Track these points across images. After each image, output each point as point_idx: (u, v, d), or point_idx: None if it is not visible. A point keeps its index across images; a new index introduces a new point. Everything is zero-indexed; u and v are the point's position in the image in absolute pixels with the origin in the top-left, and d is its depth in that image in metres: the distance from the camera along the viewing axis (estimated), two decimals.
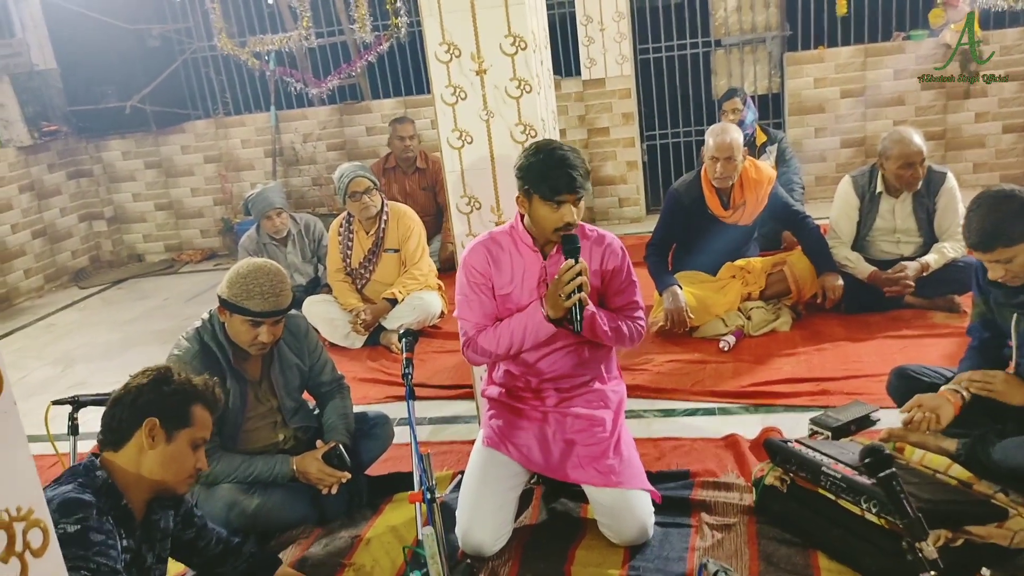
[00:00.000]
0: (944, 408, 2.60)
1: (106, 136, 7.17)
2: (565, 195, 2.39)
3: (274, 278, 2.65)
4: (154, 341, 5.15)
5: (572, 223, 2.42)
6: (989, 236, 2.40)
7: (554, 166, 2.38)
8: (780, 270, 4.13)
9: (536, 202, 2.44)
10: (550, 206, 2.41)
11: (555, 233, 2.45)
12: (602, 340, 2.55)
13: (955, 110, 6.11)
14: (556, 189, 2.38)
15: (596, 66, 6.41)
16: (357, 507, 2.89)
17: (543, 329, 2.47)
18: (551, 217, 2.42)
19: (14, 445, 0.72)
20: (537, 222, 2.48)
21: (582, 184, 2.40)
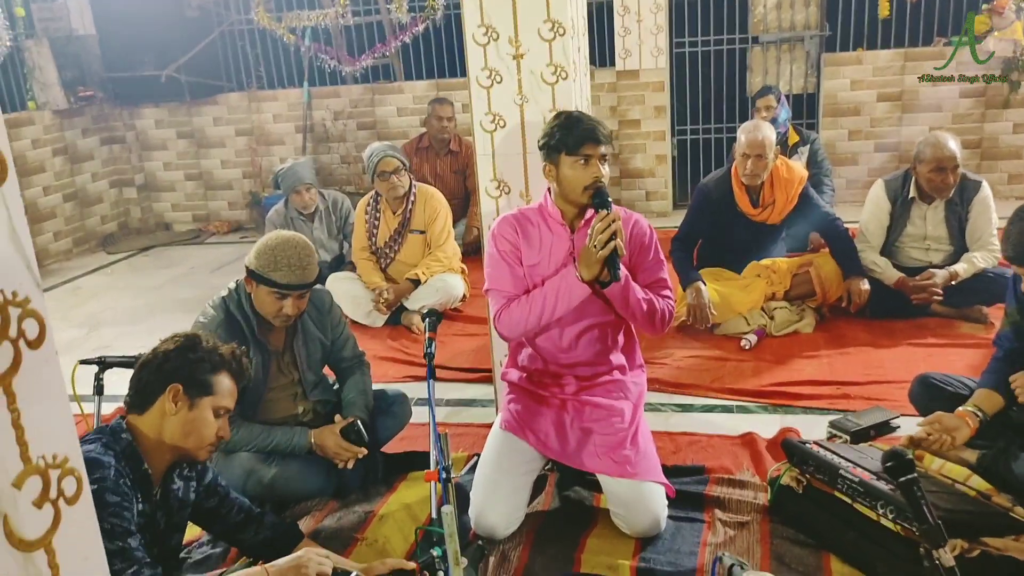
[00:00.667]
0: (961, 430, 2.57)
1: (140, 104, 7.23)
2: (589, 146, 2.41)
3: (302, 251, 2.66)
4: (178, 309, 5.20)
5: (600, 177, 2.43)
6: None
7: (575, 122, 2.46)
8: (806, 271, 4.10)
9: (563, 163, 2.45)
10: (577, 163, 2.42)
11: (585, 192, 2.44)
12: (635, 312, 2.49)
13: (993, 119, 6.02)
14: (580, 140, 2.41)
15: (631, 57, 6.37)
16: (372, 483, 2.91)
17: (576, 290, 2.42)
18: (579, 175, 2.43)
19: (53, 394, 0.73)
20: (566, 185, 2.47)
21: (605, 138, 2.44)
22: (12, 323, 0.70)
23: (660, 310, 2.54)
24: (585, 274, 2.39)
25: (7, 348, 0.70)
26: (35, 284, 0.73)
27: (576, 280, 2.40)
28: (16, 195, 0.69)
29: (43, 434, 0.71)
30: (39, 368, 0.73)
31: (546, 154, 2.50)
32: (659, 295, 2.57)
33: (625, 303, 2.47)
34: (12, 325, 0.70)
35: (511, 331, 2.54)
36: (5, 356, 0.70)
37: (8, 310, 0.69)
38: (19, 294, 0.70)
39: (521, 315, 2.48)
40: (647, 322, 2.54)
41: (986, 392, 2.66)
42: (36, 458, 0.71)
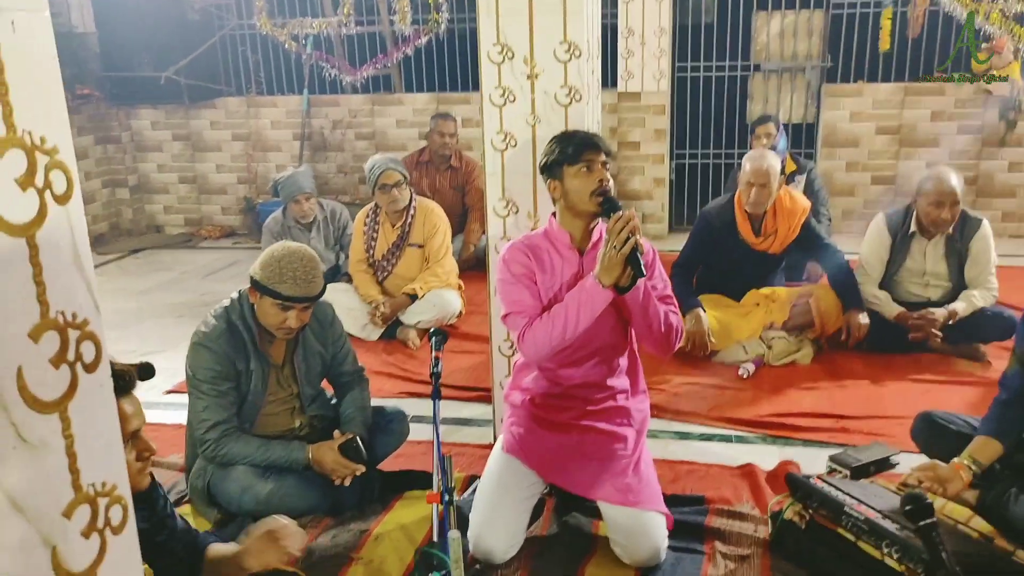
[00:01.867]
0: (954, 482, 2.55)
1: (138, 105, 7.18)
2: (589, 152, 2.43)
3: (308, 264, 2.63)
4: (168, 313, 5.14)
5: (606, 180, 2.43)
6: None
7: (572, 133, 2.53)
8: (805, 302, 4.10)
9: (567, 175, 2.45)
10: (580, 172, 2.43)
11: (592, 198, 2.43)
12: (651, 322, 2.45)
13: (989, 157, 6.08)
14: (580, 148, 2.44)
15: (633, 79, 6.40)
16: (368, 501, 2.87)
17: (598, 297, 2.37)
18: (584, 183, 2.43)
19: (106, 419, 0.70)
20: (573, 196, 2.46)
21: (604, 146, 2.48)
22: (71, 346, 0.67)
23: (675, 323, 2.52)
24: (605, 278, 2.33)
25: (64, 372, 0.67)
26: (94, 306, 0.70)
27: (597, 287, 2.35)
28: (80, 215, 0.66)
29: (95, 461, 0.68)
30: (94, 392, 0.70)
31: (549, 172, 2.50)
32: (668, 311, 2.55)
33: (644, 311, 2.44)
34: (71, 348, 0.67)
35: (537, 350, 2.46)
36: (63, 380, 0.67)
37: (68, 332, 0.66)
38: (78, 316, 0.67)
39: (545, 332, 2.43)
40: (663, 334, 2.49)
41: (984, 440, 2.63)
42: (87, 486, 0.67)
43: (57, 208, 0.63)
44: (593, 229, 2.55)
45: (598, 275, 2.36)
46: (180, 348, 3.49)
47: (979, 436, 2.67)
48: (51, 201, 0.63)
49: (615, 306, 2.47)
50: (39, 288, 0.62)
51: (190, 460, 2.87)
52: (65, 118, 0.72)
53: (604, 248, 2.34)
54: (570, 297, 2.43)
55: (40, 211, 0.63)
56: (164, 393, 3.90)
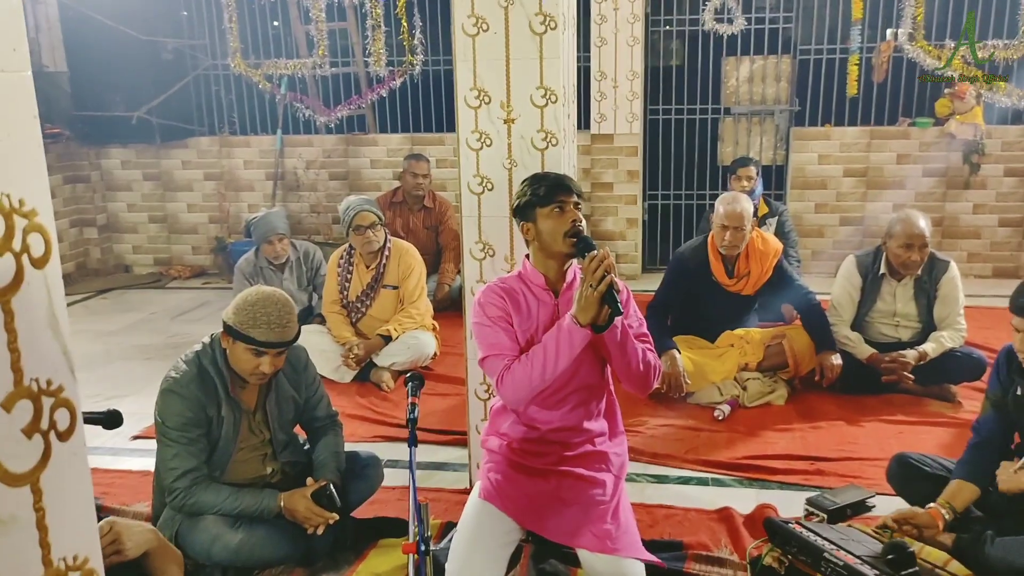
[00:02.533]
0: (931, 528, 2.57)
1: (108, 144, 7.12)
2: (562, 195, 2.44)
3: (282, 308, 2.60)
4: (136, 356, 5.05)
5: (579, 221, 2.43)
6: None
7: (543, 176, 2.54)
8: (779, 343, 4.13)
9: (539, 217, 2.45)
10: (552, 213, 2.43)
11: (566, 240, 2.43)
12: (630, 360, 2.43)
13: (954, 199, 6.21)
14: (551, 190, 2.44)
15: (606, 121, 6.47)
16: (341, 550, 2.81)
17: (577, 337, 2.34)
18: (557, 225, 2.43)
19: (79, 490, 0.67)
20: (546, 237, 2.45)
21: (576, 187, 2.49)
22: (45, 414, 0.65)
23: (652, 362, 2.51)
24: (583, 317, 2.32)
25: (37, 442, 0.64)
26: (69, 371, 0.67)
27: (574, 326, 2.34)
28: (58, 276, 0.64)
29: (67, 534, 0.65)
30: (68, 461, 0.67)
31: (521, 215, 2.50)
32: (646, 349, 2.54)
33: (623, 349, 2.42)
34: (44, 416, 0.64)
35: (516, 393, 2.44)
36: (35, 450, 0.64)
37: (42, 400, 0.64)
38: (53, 382, 0.65)
39: (524, 374, 2.41)
40: (642, 373, 2.48)
41: (959, 484, 2.66)
42: (57, 560, 0.64)
43: (34, 272, 0.61)
44: (567, 270, 2.55)
45: (575, 315, 2.35)
46: (148, 391, 3.42)
47: (954, 480, 2.68)
48: (28, 265, 0.61)
49: (593, 346, 2.46)
50: (13, 356, 0.60)
51: (157, 509, 2.80)
52: (45, 179, 0.70)
53: (580, 287, 2.34)
54: (548, 338, 2.42)
55: (16, 276, 0.61)
56: (131, 439, 3.81)
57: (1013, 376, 2.66)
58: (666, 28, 6.64)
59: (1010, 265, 6.26)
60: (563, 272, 2.55)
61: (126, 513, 3.14)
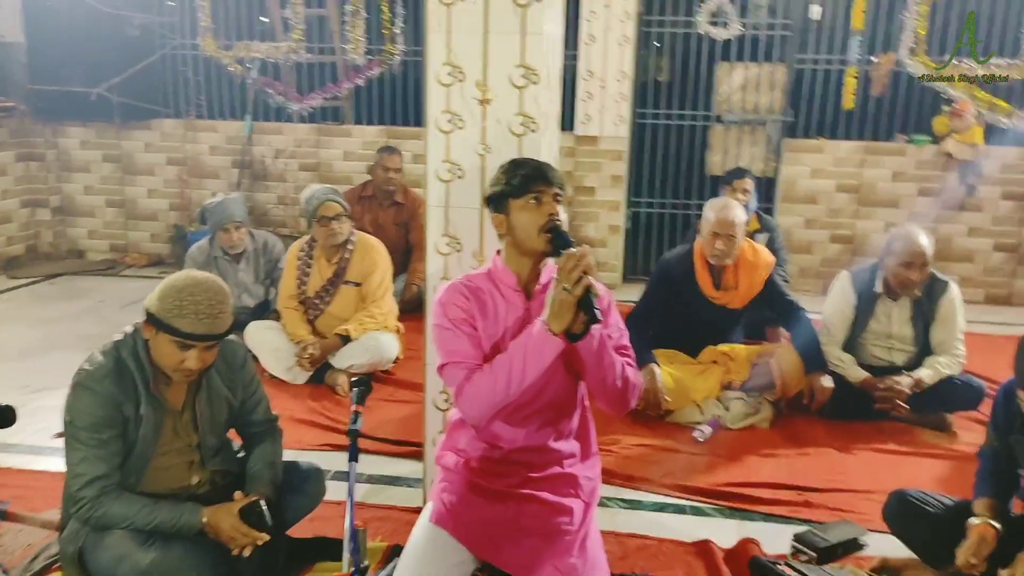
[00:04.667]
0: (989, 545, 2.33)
1: (66, 121, 6.74)
2: (539, 184, 2.15)
3: (213, 297, 2.26)
4: (77, 346, 4.67)
5: (556, 215, 2.14)
6: None
7: (520, 164, 2.24)
8: (766, 361, 3.84)
9: (513, 209, 2.16)
10: (528, 205, 2.14)
11: (541, 235, 2.14)
12: (606, 374, 2.15)
13: (949, 221, 5.98)
14: (527, 180, 2.16)
15: (591, 123, 6.20)
16: (271, 574, 2.47)
17: (548, 347, 2.05)
18: (532, 217, 2.14)
19: None
20: (520, 231, 2.17)
21: (557, 178, 2.20)
22: None
23: (631, 377, 2.21)
24: (556, 325, 2.01)
25: None
26: None
27: (545, 334, 2.03)
28: None
29: None
30: None
31: (495, 205, 2.22)
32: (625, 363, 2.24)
33: (599, 362, 2.13)
34: None
35: (477, 406, 2.15)
36: None
37: None
38: None
39: (486, 386, 2.11)
40: (619, 390, 2.19)
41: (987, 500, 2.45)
42: None
43: None
44: (543, 269, 2.26)
45: (547, 321, 2.04)
46: None
47: (980, 499, 2.46)
48: None
49: (565, 357, 2.16)
50: None
51: (64, 520, 2.45)
52: None
53: (554, 289, 2.03)
54: (515, 346, 2.12)
55: None
56: (53, 436, 3.47)
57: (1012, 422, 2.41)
58: (658, 30, 6.39)
59: (1003, 292, 6.05)
60: (537, 271, 2.26)
61: (34, 520, 2.80)
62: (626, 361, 2.23)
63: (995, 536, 2.33)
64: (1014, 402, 2.36)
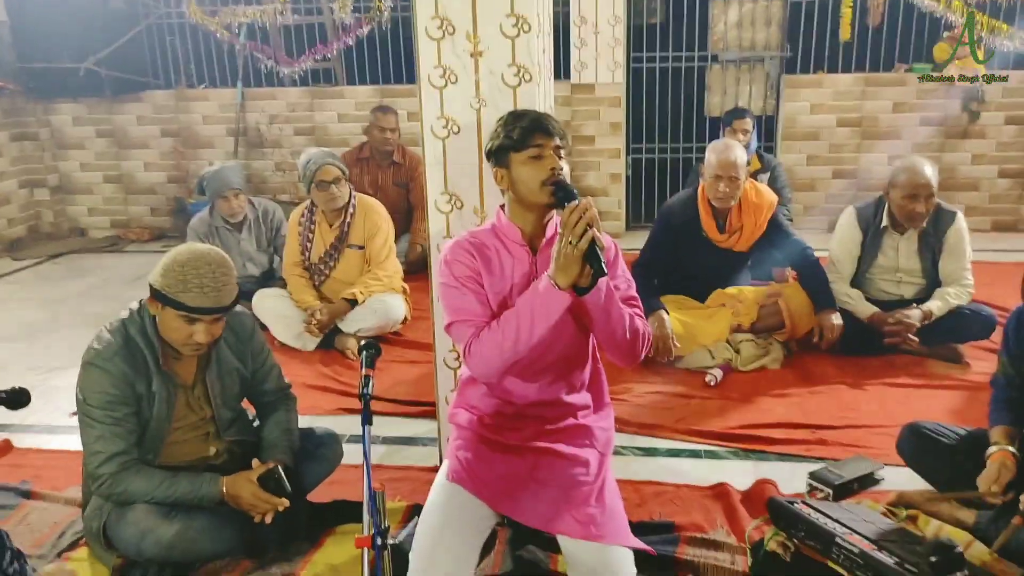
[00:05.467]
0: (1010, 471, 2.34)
1: (56, 98, 6.67)
2: (540, 137, 2.11)
3: (217, 269, 2.25)
4: (85, 324, 4.69)
5: (558, 168, 2.11)
6: None
7: (520, 115, 2.18)
8: (774, 302, 3.84)
9: (514, 163, 2.13)
10: (530, 158, 2.11)
11: (543, 188, 2.11)
12: (615, 328, 2.13)
13: (952, 149, 5.91)
14: (528, 132, 2.12)
15: (587, 70, 6.11)
16: (293, 538, 2.51)
17: (554, 301, 2.03)
18: (534, 171, 2.11)
19: None
20: (522, 186, 2.14)
21: (558, 129, 2.15)
22: None
23: (641, 329, 2.20)
24: (562, 279, 2.00)
25: None
26: None
27: (552, 289, 2.02)
28: None
29: None
30: None
31: (496, 159, 2.18)
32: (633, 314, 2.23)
33: (607, 315, 2.12)
34: None
35: (486, 364, 2.14)
36: None
37: None
38: None
39: (494, 343, 2.10)
40: (628, 342, 2.18)
41: (1004, 428, 2.44)
42: None
43: None
44: (547, 223, 2.23)
45: (553, 275, 2.03)
46: None
47: (997, 427, 2.46)
48: None
49: (574, 311, 2.15)
50: None
51: (86, 496, 2.49)
52: None
53: (559, 243, 2.01)
54: (522, 302, 2.11)
55: None
56: (69, 415, 3.48)
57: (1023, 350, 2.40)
58: None
59: (1009, 219, 6.01)
60: (542, 225, 2.23)
61: (57, 499, 2.83)
62: (635, 312, 2.21)
63: (1015, 462, 2.33)
64: (1019, 334, 2.34)
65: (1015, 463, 2.33)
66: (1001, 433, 2.42)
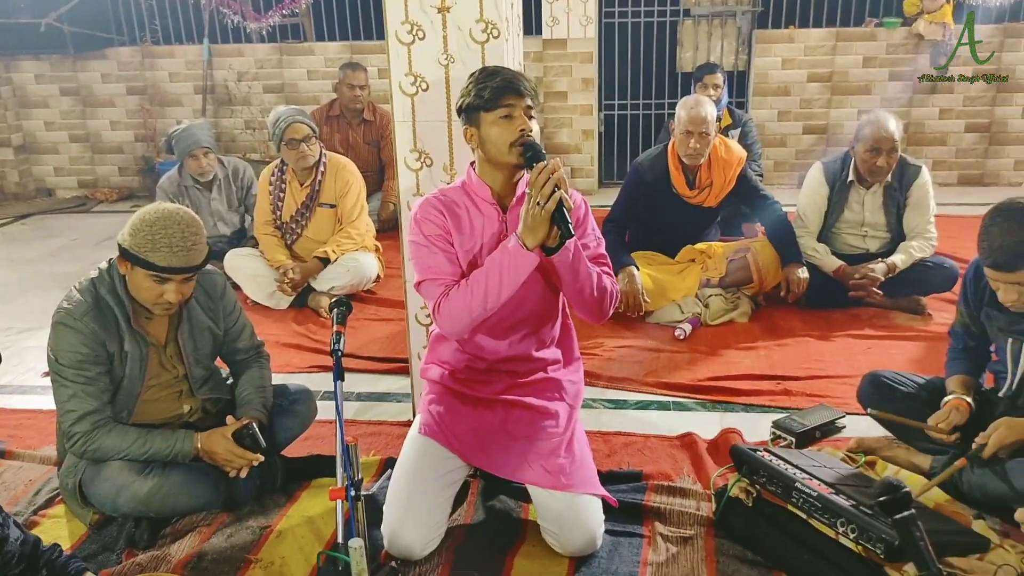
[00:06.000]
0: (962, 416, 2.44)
1: (17, 55, 6.52)
2: (510, 97, 2.10)
3: (186, 228, 2.25)
4: (55, 285, 4.66)
5: (527, 129, 2.11)
6: (1015, 256, 2.15)
7: (492, 74, 2.16)
8: (743, 257, 3.89)
9: (484, 123, 2.13)
10: (499, 118, 2.11)
11: (512, 149, 2.12)
12: (583, 287, 2.17)
13: (920, 104, 5.97)
14: (498, 92, 2.10)
15: (558, 25, 6.07)
16: (269, 493, 2.55)
17: (523, 261, 2.08)
18: (504, 132, 2.11)
19: None
20: (491, 146, 2.15)
21: (528, 89, 2.13)
22: None
23: (608, 287, 2.24)
24: (530, 240, 2.04)
25: None
26: None
27: (520, 249, 2.05)
28: None
29: None
30: None
31: (465, 117, 2.18)
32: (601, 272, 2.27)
33: (575, 274, 2.15)
34: None
35: (455, 323, 2.18)
36: None
37: None
38: None
39: (463, 302, 2.13)
40: (596, 300, 2.22)
41: (960, 378, 2.53)
42: None
43: None
44: (518, 181, 2.25)
45: (521, 235, 2.06)
46: None
47: (953, 376, 2.54)
48: None
49: (543, 270, 2.18)
50: None
51: (61, 454, 2.50)
52: None
53: (527, 204, 2.04)
54: (491, 261, 2.14)
55: None
56: (42, 375, 3.49)
57: (982, 297, 2.46)
58: None
59: (976, 172, 6.10)
60: (512, 184, 2.24)
61: (32, 457, 2.85)
62: (603, 271, 2.25)
63: (968, 410, 2.41)
64: (983, 277, 2.40)
65: (968, 410, 2.41)
66: (957, 382, 2.50)
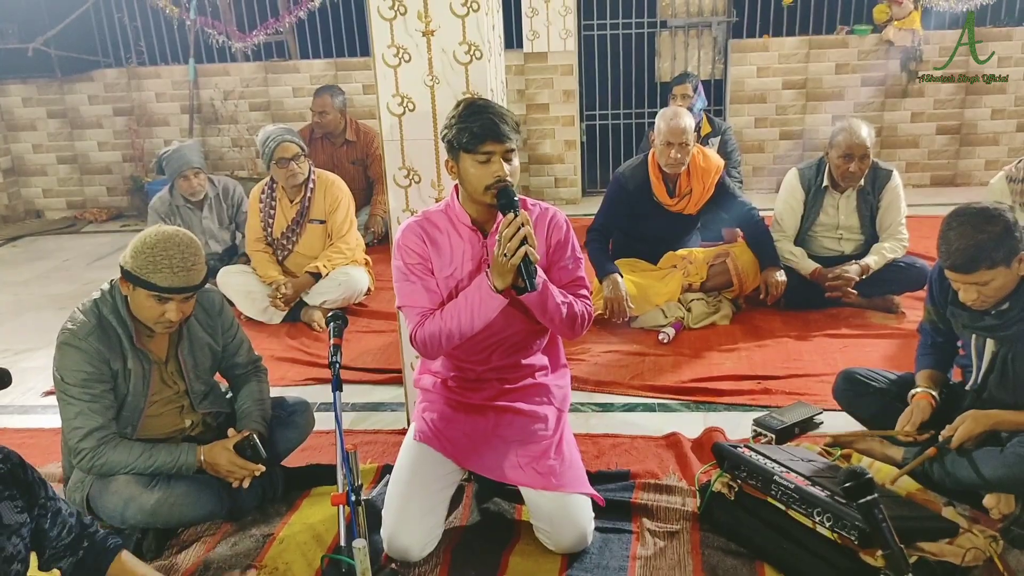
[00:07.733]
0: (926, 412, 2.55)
1: (5, 80, 6.59)
2: (490, 144, 2.17)
3: (186, 250, 2.35)
4: (49, 305, 4.74)
5: (503, 176, 2.19)
6: (971, 259, 2.28)
7: (476, 113, 2.19)
8: (723, 262, 4.02)
9: (464, 160, 2.21)
10: (477, 160, 2.19)
11: (487, 192, 2.21)
12: (552, 318, 2.29)
13: (892, 108, 6.13)
14: (479, 137, 2.16)
15: (539, 39, 6.19)
16: (271, 502, 2.64)
17: (491, 303, 2.21)
18: (480, 174, 2.19)
19: None
20: (468, 184, 2.24)
21: (508, 134, 2.18)
22: None
23: (579, 314, 2.35)
24: (498, 283, 2.17)
25: None
26: None
27: (490, 291, 2.19)
28: None
29: None
30: None
31: (447, 149, 2.27)
32: (577, 296, 2.37)
33: (543, 310, 2.27)
34: None
35: (429, 350, 2.32)
36: None
37: None
38: None
39: (436, 332, 2.26)
40: (566, 328, 2.35)
41: (929, 372, 2.64)
42: None
43: None
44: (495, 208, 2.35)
45: (490, 277, 2.19)
46: None
47: (922, 371, 2.65)
48: None
49: (516, 301, 2.29)
50: None
51: (67, 470, 2.58)
52: None
53: (496, 250, 2.15)
54: (463, 297, 2.26)
55: None
56: (42, 395, 3.56)
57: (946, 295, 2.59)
58: None
59: (947, 173, 6.25)
60: (493, 212, 2.33)
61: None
62: (576, 297, 2.35)
63: (932, 404, 2.54)
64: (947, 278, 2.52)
65: (932, 404, 2.53)
66: (925, 377, 2.62)
